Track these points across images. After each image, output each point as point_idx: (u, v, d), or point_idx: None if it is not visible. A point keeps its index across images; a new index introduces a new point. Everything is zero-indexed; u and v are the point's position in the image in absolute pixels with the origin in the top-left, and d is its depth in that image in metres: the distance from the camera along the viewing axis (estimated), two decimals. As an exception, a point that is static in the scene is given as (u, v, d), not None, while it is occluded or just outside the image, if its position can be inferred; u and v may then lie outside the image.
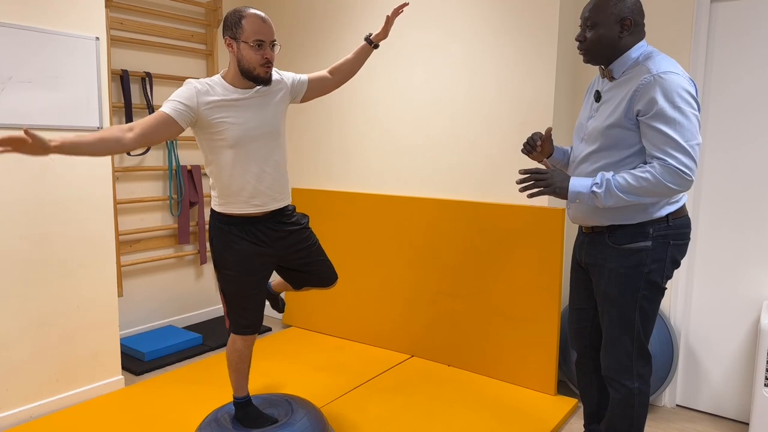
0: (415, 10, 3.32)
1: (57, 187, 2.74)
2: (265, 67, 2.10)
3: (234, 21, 2.07)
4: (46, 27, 2.65)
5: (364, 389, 3.02)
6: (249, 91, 2.17)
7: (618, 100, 1.90)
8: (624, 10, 1.88)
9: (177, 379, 3.13)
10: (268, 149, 2.24)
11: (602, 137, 1.95)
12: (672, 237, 1.94)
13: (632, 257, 1.95)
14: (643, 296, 1.97)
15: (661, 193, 1.81)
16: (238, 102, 2.15)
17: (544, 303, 2.96)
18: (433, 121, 3.32)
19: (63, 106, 2.73)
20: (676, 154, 1.77)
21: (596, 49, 1.94)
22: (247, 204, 2.22)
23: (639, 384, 2.03)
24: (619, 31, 1.90)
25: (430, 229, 3.34)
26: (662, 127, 1.78)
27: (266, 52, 2.08)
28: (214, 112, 2.12)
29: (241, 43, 2.07)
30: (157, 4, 3.73)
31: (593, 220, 2.03)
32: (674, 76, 1.79)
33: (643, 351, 2.03)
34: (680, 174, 1.77)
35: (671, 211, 1.93)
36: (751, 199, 2.71)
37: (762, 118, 2.65)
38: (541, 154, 2.23)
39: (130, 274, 3.73)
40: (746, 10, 2.64)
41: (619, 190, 1.84)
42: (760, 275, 2.72)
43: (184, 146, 3.96)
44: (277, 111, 2.25)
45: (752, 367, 2.75)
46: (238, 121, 2.14)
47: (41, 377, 2.77)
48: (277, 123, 2.25)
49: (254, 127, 2.18)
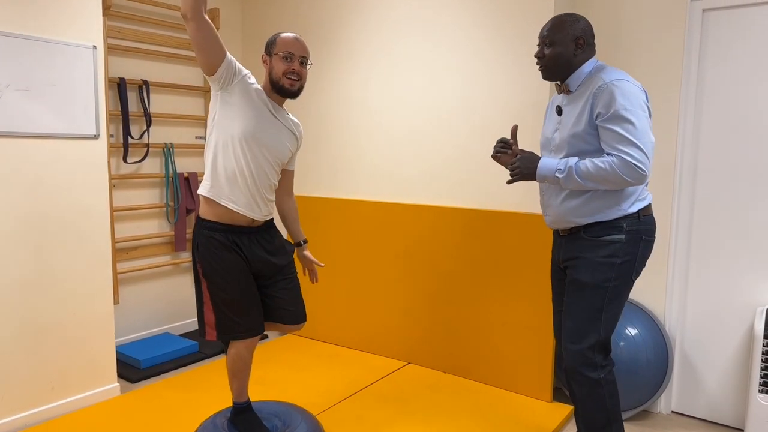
0: (410, 18, 3.34)
1: (53, 194, 2.75)
2: (290, 78, 2.21)
3: (271, 40, 2.27)
4: (43, 35, 2.67)
5: (360, 396, 3.02)
6: (278, 109, 2.31)
7: (579, 109, 2.07)
8: (578, 30, 2.10)
9: (173, 386, 3.12)
10: (270, 167, 2.29)
11: (568, 145, 2.11)
12: (643, 233, 2.09)
13: (606, 248, 2.08)
14: (613, 287, 2.08)
15: (616, 182, 1.97)
16: (264, 108, 2.25)
17: (539, 309, 2.97)
18: (427, 129, 3.34)
19: (60, 114, 2.74)
20: (630, 151, 1.93)
21: (554, 66, 2.13)
22: (230, 200, 2.22)
23: (604, 374, 2.12)
24: (574, 48, 2.10)
25: (425, 236, 3.35)
26: (617, 128, 1.95)
27: (293, 64, 2.22)
28: (248, 92, 2.21)
29: (273, 56, 2.23)
30: (154, 12, 3.75)
31: (569, 222, 2.15)
32: (626, 83, 1.98)
33: (605, 343, 2.13)
34: (634, 167, 1.93)
35: (641, 207, 2.09)
36: (745, 206, 2.72)
37: (755, 125, 2.67)
38: (513, 155, 2.29)
39: (126, 281, 3.73)
40: (737, 19, 2.67)
41: (579, 175, 2.01)
42: (753, 282, 2.73)
43: (181, 154, 3.97)
44: (287, 146, 2.35)
45: (747, 373, 2.76)
46: (257, 121, 2.21)
47: (37, 385, 2.77)
48: (284, 153, 2.34)
49: (267, 136, 2.24)
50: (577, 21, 2.10)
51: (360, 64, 3.61)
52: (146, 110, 3.67)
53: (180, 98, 3.94)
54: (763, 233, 2.68)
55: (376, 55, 3.52)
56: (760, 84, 2.64)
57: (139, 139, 3.69)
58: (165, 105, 3.86)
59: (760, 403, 2.48)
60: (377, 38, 3.51)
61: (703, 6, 2.72)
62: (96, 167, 2.89)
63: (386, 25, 3.46)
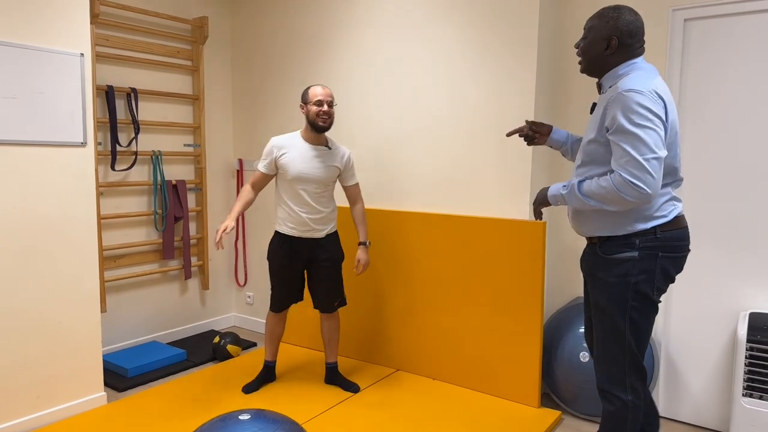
0: (401, 28, 3.38)
1: (40, 202, 2.74)
2: (322, 117, 2.91)
3: (304, 92, 2.98)
4: (30, 43, 2.67)
5: (348, 404, 3.02)
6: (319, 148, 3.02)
7: (597, 116, 1.99)
8: (612, 29, 1.96)
9: (160, 395, 3.11)
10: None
11: (584, 153, 2.05)
12: (661, 249, 1.97)
13: (619, 267, 1.99)
14: (632, 307, 1.99)
15: (617, 202, 1.88)
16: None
17: (526, 315, 2.99)
18: (417, 137, 3.36)
19: (47, 122, 2.74)
20: (630, 169, 1.83)
21: (585, 60, 2.06)
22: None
23: (633, 397, 2.03)
24: (605, 48, 1.99)
25: (414, 243, 3.36)
26: (620, 143, 1.86)
27: (323, 108, 2.91)
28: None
29: (308, 105, 2.93)
30: (142, 20, 3.76)
31: (584, 231, 2.10)
32: (634, 94, 1.84)
33: (637, 364, 2.03)
34: (633, 187, 1.83)
35: (659, 224, 1.96)
36: (727, 212, 2.76)
37: (737, 133, 2.72)
38: (543, 135, 2.35)
39: (113, 289, 3.71)
40: (718, 28, 2.72)
41: (581, 192, 1.97)
42: (737, 287, 2.77)
43: (169, 161, 3.97)
44: (331, 172, 3.03)
45: (731, 377, 2.79)
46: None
47: (22, 394, 2.74)
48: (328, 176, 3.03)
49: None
50: (616, 18, 1.95)
51: (349, 74, 3.63)
52: (134, 118, 3.67)
53: (168, 106, 3.94)
54: (746, 239, 2.73)
55: (365, 64, 3.55)
56: (741, 92, 2.69)
57: (127, 146, 3.68)
58: (153, 113, 3.86)
59: (744, 406, 2.51)
60: (365, 48, 3.54)
61: (685, 16, 2.78)
62: (83, 175, 2.89)
63: (374, 35, 3.49)
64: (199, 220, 4.18)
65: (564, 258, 3.24)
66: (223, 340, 3.69)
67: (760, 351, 2.48)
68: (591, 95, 3.06)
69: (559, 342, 2.96)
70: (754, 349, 2.50)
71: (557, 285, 3.28)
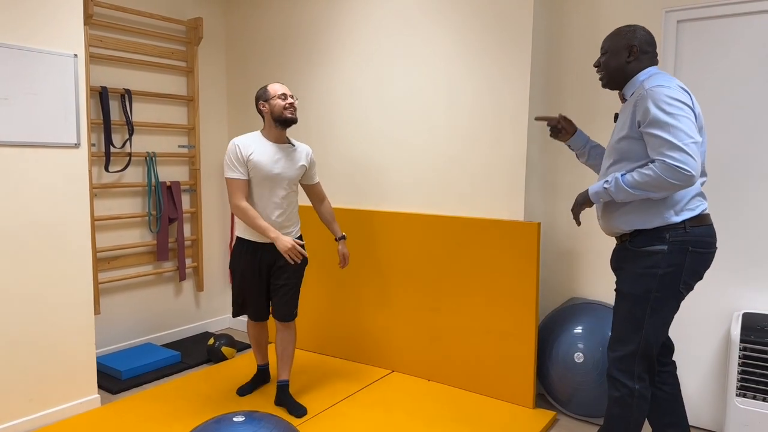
0: (397, 29, 3.38)
1: (33, 204, 2.73)
2: (290, 110, 2.82)
3: (262, 91, 2.88)
4: (24, 44, 2.65)
5: (343, 405, 3.02)
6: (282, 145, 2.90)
7: (626, 116, 2.11)
8: (632, 39, 2.14)
9: (154, 397, 3.09)
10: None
11: (615, 151, 2.14)
12: (691, 244, 2.04)
13: (648, 259, 2.07)
14: (655, 297, 2.06)
15: (664, 187, 1.95)
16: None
17: (521, 316, 2.99)
18: (413, 137, 3.36)
19: (41, 123, 2.73)
20: (671, 153, 1.92)
21: (608, 73, 2.20)
22: None
23: (640, 386, 2.10)
24: (627, 56, 2.15)
25: (408, 244, 3.36)
26: (657, 132, 1.95)
27: (288, 101, 2.82)
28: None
29: (270, 101, 2.83)
30: (137, 21, 3.75)
31: (615, 227, 2.17)
32: (662, 88, 1.98)
33: (648, 354, 2.10)
34: (677, 170, 1.90)
35: (688, 217, 2.05)
36: (721, 213, 2.78)
37: (730, 133, 2.73)
38: (567, 133, 2.44)
39: (107, 291, 3.69)
40: (711, 30, 2.73)
41: (626, 184, 2.03)
42: (730, 288, 2.78)
43: (164, 163, 3.96)
44: (300, 171, 2.94)
45: (725, 377, 2.80)
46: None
47: (14, 396, 2.72)
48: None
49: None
50: (633, 31, 2.14)
51: (343, 73, 3.63)
52: (128, 119, 3.66)
53: (162, 107, 3.93)
54: (740, 240, 2.74)
55: (360, 63, 3.55)
56: (733, 93, 2.70)
57: (121, 148, 3.67)
58: (147, 114, 3.84)
59: (738, 406, 2.52)
60: (360, 48, 3.54)
61: (678, 18, 2.79)
62: (77, 176, 2.88)
63: (369, 33, 3.49)
64: (193, 222, 4.17)
65: (559, 258, 3.25)
66: (217, 342, 3.68)
67: (754, 351, 2.49)
68: (585, 97, 3.07)
69: (554, 343, 2.97)
70: (747, 350, 2.51)
71: (552, 286, 3.29)
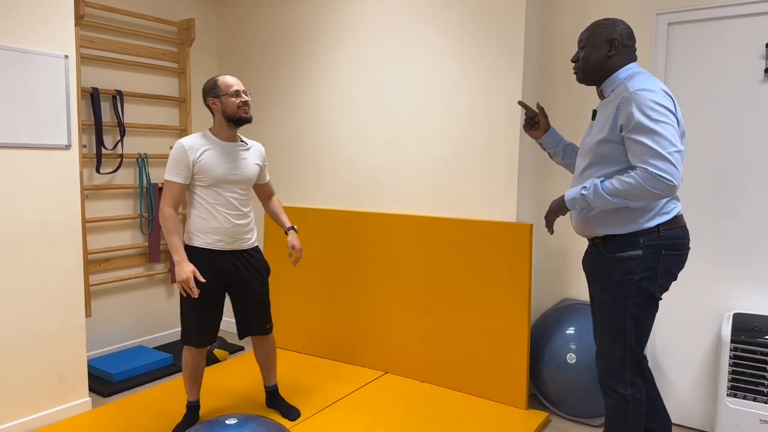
0: (389, 32, 3.38)
1: (23, 205, 2.71)
2: (244, 109, 2.60)
3: (211, 85, 2.61)
4: (14, 45, 2.64)
5: (336, 407, 3.01)
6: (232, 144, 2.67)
7: (605, 116, 2.04)
8: (613, 32, 2.08)
9: (146, 400, 3.08)
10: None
11: (591, 153, 2.09)
12: (664, 247, 2.03)
13: (623, 265, 2.04)
14: (634, 303, 2.05)
15: (644, 196, 1.92)
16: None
17: (513, 317, 3.00)
18: (404, 139, 3.37)
19: (32, 124, 2.71)
20: (654, 162, 1.88)
21: (586, 68, 2.13)
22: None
23: (632, 391, 2.09)
24: (607, 50, 2.08)
25: (401, 246, 3.37)
26: (641, 138, 1.91)
27: (242, 98, 2.60)
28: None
29: (222, 97, 2.57)
30: (128, 22, 3.73)
31: (588, 230, 2.14)
32: (647, 92, 1.92)
33: (636, 359, 2.09)
34: (660, 179, 1.87)
35: (662, 221, 2.02)
36: (711, 213, 2.80)
37: (720, 135, 2.75)
38: (540, 128, 2.40)
39: (99, 293, 3.67)
40: (700, 32, 2.75)
41: (606, 192, 1.98)
42: (721, 288, 2.80)
43: (155, 164, 3.94)
44: (255, 170, 2.74)
45: (715, 377, 2.82)
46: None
47: (4, 400, 2.70)
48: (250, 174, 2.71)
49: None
50: (613, 24, 2.08)
51: (336, 74, 3.63)
52: (120, 120, 3.64)
53: (154, 108, 3.92)
54: (730, 240, 2.76)
55: (352, 64, 3.55)
56: (723, 94, 2.72)
57: (113, 149, 3.65)
58: (139, 115, 3.83)
59: (728, 406, 2.54)
60: (352, 49, 3.54)
61: (669, 20, 2.81)
62: (68, 178, 2.86)
63: (362, 35, 3.50)
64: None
65: (551, 260, 3.26)
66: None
67: (744, 351, 2.51)
68: (577, 96, 3.09)
69: (547, 343, 2.97)
70: (738, 350, 2.52)
71: (544, 286, 3.30)
